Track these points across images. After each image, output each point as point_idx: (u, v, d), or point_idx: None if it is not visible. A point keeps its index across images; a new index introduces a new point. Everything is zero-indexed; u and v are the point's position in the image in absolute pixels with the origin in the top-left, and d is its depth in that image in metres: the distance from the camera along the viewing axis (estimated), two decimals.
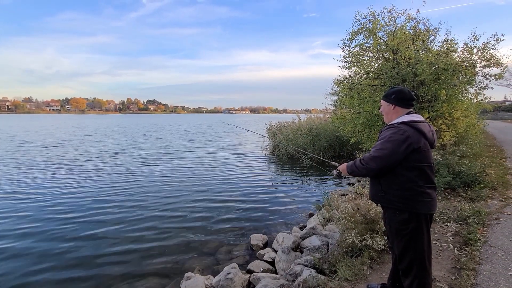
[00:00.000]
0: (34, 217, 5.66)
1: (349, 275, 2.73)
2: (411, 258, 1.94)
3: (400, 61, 6.25)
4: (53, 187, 7.78)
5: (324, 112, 19.40)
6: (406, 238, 1.93)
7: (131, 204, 6.42)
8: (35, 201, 6.57)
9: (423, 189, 1.88)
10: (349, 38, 6.96)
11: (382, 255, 3.06)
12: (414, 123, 1.92)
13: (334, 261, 3.11)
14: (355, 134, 7.88)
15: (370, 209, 3.34)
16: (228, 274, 3.34)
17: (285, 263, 3.65)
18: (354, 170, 2.07)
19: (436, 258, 2.96)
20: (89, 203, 6.46)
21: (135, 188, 7.77)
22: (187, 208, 6.22)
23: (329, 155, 12.06)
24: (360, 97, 7.11)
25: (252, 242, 4.55)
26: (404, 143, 1.84)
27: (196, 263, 4.05)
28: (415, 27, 6.83)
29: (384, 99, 2.13)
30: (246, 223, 5.48)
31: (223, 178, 9.02)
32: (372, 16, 6.63)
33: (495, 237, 3.31)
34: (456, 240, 3.35)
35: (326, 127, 12.57)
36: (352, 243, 3.14)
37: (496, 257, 2.88)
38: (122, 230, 5.10)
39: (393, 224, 1.98)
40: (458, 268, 2.75)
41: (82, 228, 5.18)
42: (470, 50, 5.94)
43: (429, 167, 1.92)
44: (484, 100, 6.35)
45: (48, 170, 9.87)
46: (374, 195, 2.09)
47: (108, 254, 4.30)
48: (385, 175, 1.96)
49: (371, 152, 1.98)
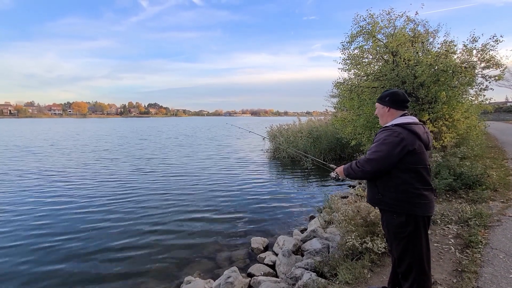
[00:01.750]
0: (35, 218, 5.68)
1: (349, 278, 2.71)
2: (410, 261, 1.93)
3: (400, 63, 6.26)
4: (53, 189, 7.81)
5: (325, 114, 19.37)
6: (404, 241, 1.92)
7: (131, 208, 6.43)
8: (38, 204, 6.60)
9: (420, 191, 1.88)
10: (349, 40, 7.00)
11: (382, 258, 3.04)
12: (409, 125, 1.92)
13: (334, 264, 3.09)
14: (355, 136, 7.87)
15: (370, 212, 3.33)
16: (228, 277, 3.33)
17: (285, 266, 3.63)
18: (350, 172, 2.08)
19: (437, 260, 2.94)
20: (89, 208, 6.47)
21: (135, 192, 7.77)
22: (187, 212, 6.22)
23: (330, 157, 12.05)
24: (360, 99, 7.13)
25: (252, 245, 4.53)
26: (399, 145, 1.84)
27: (196, 267, 4.04)
28: (414, 29, 6.86)
29: (378, 102, 2.13)
30: (247, 226, 5.47)
31: (224, 181, 9.02)
32: (371, 18, 6.67)
33: (496, 239, 3.28)
34: (458, 242, 3.33)
35: (326, 129, 12.56)
36: (352, 246, 3.13)
37: (498, 260, 2.85)
38: (122, 234, 5.10)
39: (390, 227, 1.98)
40: (460, 270, 2.73)
41: (81, 232, 5.18)
42: (469, 52, 5.95)
43: (425, 168, 1.92)
44: (484, 101, 6.35)
45: (42, 176, 9.91)
46: (371, 198, 2.09)
47: (108, 258, 4.29)
48: (381, 178, 1.96)
49: (366, 155, 1.98)
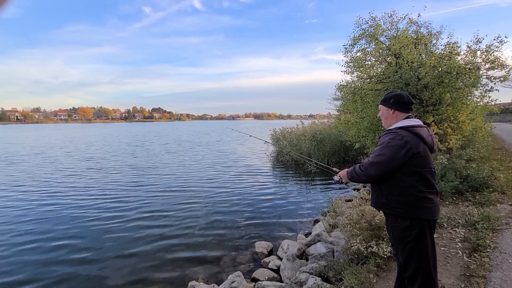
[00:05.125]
0: (38, 220, 5.73)
1: (355, 283, 2.68)
2: (416, 266, 1.90)
3: (403, 65, 6.24)
4: (52, 193, 7.89)
5: (328, 117, 19.33)
6: (410, 246, 1.89)
7: (134, 213, 6.45)
8: (39, 208, 6.65)
9: (425, 194, 1.85)
10: (351, 43, 7.00)
11: (388, 262, 3.00)
12: (413, 127, 1.89)
13: (339, 269, 3.06)
14: (359, 139, 7.83)
15: (375, 215, 3.30)
16: (233, 282, 3.31)
17: (290, 271, 3.60)
18: (354, 176, 2.05)
19: (444, 265, 2.89)
20: (90, 212, 6.50)
21: (137, 196, 7.80)
22: (191, 216, 6.21)
23: (334, 160, 11.99)
24: (363, 102, 7.10)
25: (256, 250, 4.50)
26: (403, 148, 1.82)
27: (201, 272, 4.02)
28: (417, 31, 6.84)
29: (382, 104, 2.10)
30: (251, 230, 5.44)
31: (227, 185, 9.02)
32: (373, 21, 6.67)
33: (505, 243, 3.22)
34: (465, 246, 3.27)
35: (330, 132, 12.51)
36: (357, 250, 3.09)
37: (507, 264, 2.80)
38: (125, 239, 5.11)
39: (395, 231, 1.95)
40: (468, 275, 2.68)
41: (84, 236, 5.21)
42: (473, 53, 5.90)
43: (430, 172, 1.89)
44: (490, 102, 6.29)
45: (44, 180, 10.01)
46: (375, 202, 2.06)
47: (112, 263, 4.30)
48: (385, 181, 1.94)
49: (370, 158, 1.95)
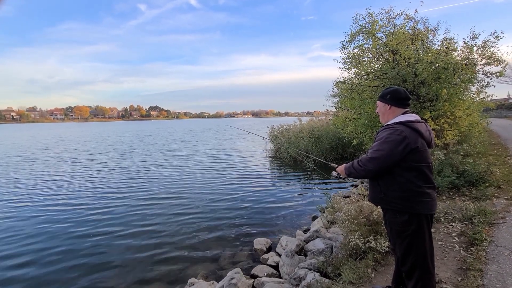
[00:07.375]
0: (39, 221, 5.70)
1: (353, 278, 2.70)
2: (413, 260, 1.92)
3: (400, 61, 6.25)
4: (52, 193, 7.84)
5: (326, 114, 19.32)
6: (408, 240, 1.91)
7: (134, 210, 6.44)
8: (40, 210, 6.62)
9: (423, 189, 1.86)
10: (348, 39, 6.99)
11: (386, 257, 3.02)
12: (411, 123, 1.91)
13: (338, 264, 3.08)
14: (357, 136, 7.85)
15: (373, 211, 3.32)
16: (232, 279, 3.32)
17: (289, 267, 3.62)
18: (352, 171, 2.06)
19: (441, 259, 2.92)
20: (89, 210, 6.48)
21: (137, 193, 7.78)
22: (189, 213, 6.22)
23: (332, 157, 12.01)
24: (361, 98, 7.10)
25: (255, 246, 4.52)
26: (402, 143, 1.83)
27: (200, 269, 4.03)
28: (413, 27, 6.84)
29: (380, 100, 2.12)
30: (250, 227, 5.46)
31: (226, 183, 9.03)
32: (370, 17, 6.66)
33: (501, 237, 3.26)
34: (462, 240, 3.30)
35: (328, 129, 12.52)
36: (355, 245, 3.12)
37: (503, 257, 2.83)
38: (125, 236, 5.11)
39: (393, 226, 1.96)
40: (464, 269, 2.71)
41: (84, 234, 5.20)
42: (470, 49, 5.92)
43: (428, 167, 1.90)
44: (486, 98, 6.32)
45: (46, 179, 9.95)
46: (373, 197, 2.07)
47: (112, 261, 4.30)
48: (383, 177, 1.95)
49: (368, 153, 1.96)
